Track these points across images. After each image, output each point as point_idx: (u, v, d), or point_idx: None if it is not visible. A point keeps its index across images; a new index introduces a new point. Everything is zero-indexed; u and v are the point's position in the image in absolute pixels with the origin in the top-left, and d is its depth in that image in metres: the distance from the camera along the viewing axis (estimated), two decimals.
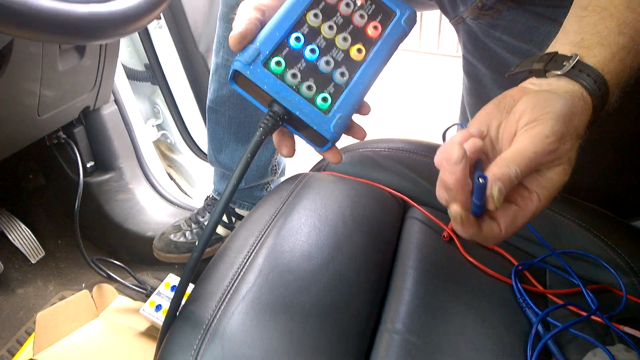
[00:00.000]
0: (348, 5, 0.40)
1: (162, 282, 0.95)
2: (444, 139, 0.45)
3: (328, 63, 0.38)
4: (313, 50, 0.38)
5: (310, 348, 0.39)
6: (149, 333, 0.93)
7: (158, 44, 1.26)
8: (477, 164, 0.34)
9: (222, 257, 0.48)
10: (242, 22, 0.37)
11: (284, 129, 0.41)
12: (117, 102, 1.12)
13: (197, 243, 0.39)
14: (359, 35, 0.40)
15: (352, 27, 0.40)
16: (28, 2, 0.48)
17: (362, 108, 0.40)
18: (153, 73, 1.31)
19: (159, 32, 1.24)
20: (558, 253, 0.52)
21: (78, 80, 0.91)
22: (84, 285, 1.06)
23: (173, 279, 0.96)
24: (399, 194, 0.60)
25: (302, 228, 0.49)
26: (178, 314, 0.42)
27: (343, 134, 0.39)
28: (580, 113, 0.34)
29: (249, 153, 0.38)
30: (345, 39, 0.39)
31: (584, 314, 0.45)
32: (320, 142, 0.39)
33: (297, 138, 0.42)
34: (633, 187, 0.68)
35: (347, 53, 0.39)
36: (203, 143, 1.38)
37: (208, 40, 1.25)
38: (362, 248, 0.50)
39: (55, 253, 1.12)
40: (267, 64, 0.37)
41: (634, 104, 0.43)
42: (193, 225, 1.03)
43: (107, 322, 0.96)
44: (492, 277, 0.49)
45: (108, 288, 1.01)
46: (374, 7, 0.41)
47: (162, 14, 1.18)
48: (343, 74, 0.39)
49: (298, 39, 0.38)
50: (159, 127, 1.40)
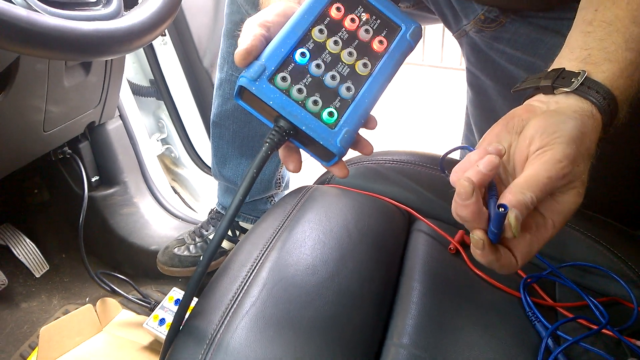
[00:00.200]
0: (353, 21, 0.40)
1: (165, 295, 0.95)
2: (442, 170, 0.45)
3: (334, 78, 0.38)
4: (319, 66, 0.38)
5: None
6: (153, 347, 0.93)
7: (163, 60, 1.27)
8: (491, 187, 0.34)
9: (225, 270, 0.47)
10: (247, 38, 0.37)
11: (290, 144, 0.41)
12: (122, 117, 1.13)
13: (201, 258, 0.39)
14: (365, 50, 0.40)
15: (357, 42, 0.40)
16: (34, 19, 0.49)
17: (368, 122, 0.40)
18: (158, 88, 1.32)
19: (164, 48, 1.25)
20: (557, 268, 0.52)
21: (84, 97, 0.91)
22: (88, 299, 1.05)
23: (177, 293, 0.96)
24: (404, 206, 0.60)
25: (306, 241, 0.49)
26: (181, 328, 0.42)
27: (350, 149, 0.39)
28: (591, 132, 0.34)
29: (255, 168, 0.38)
30: (351, 54, 0.39)
31: (595, 327, 0.44)
32: (327, 156, 0.39)
33: (303, 153, 0.42)
34: None
35: (352, 68, 0.39)
36: (207, 157, 1.38)
37: (212, 56, 1.26)
38: (367, 261, 0.49)
39: (60, 267, 1.12)
40: (272, 80, 0.37)
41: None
42: (197, 239, 1.03)
43: (110, 336, 0.95)
44: (500, 290, 0.49)
45: (112, 302, 1.00)
46: (379, 22, 0.41)
47: (167, 31, 1.20)
48: (349, 89, 0.38)
49: (303, 55, 0.38)
50: (164, 141, 1.41)
